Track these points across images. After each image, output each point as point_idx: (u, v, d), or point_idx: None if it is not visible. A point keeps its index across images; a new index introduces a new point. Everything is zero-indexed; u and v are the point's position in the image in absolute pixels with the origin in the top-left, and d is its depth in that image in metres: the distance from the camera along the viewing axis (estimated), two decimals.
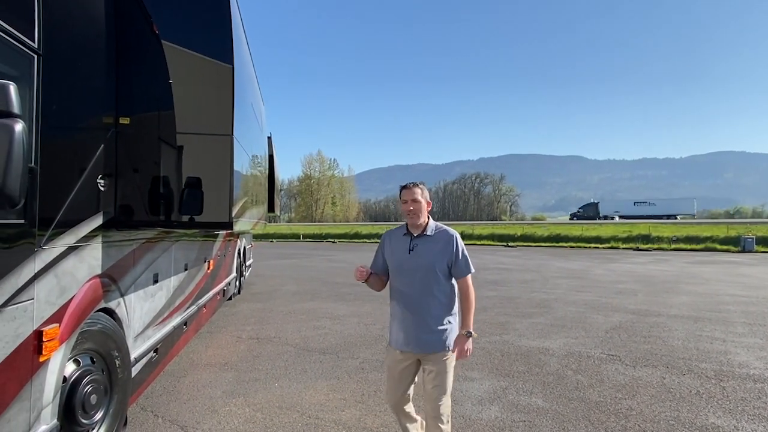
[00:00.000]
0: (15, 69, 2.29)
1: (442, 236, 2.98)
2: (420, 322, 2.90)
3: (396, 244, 3.05)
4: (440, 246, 2.94)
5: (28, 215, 2.32)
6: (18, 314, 2.27)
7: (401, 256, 2.98)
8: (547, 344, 6.50)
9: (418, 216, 2.93)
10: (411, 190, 2.96)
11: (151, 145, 3.69)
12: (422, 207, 2.96)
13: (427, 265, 2.90)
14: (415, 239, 2.97)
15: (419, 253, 2.93)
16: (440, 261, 2.91)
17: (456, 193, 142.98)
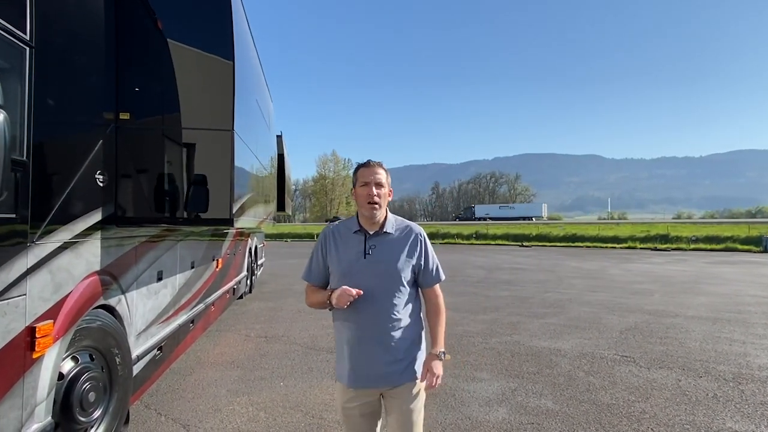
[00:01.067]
0: (5, 61, 2.26)
1: (406, 235, 2.30)
2: (380, 351, 2.20)
3: (344, 245, 2.29)
4: (404, 247, 2.27)
5: (19, 210, 2.29)
6: (9, 310, 2.24)
7: (352, 261, 2.24)
8: (559, 345, 6.36)
9: (381, 207, 2.23)
10: (373, 169, 2.24)
11: (151, 141, 3.67)
12: (386, 194, 2.27)
13: (389, 273, 2.21)
14: (372, 238, 2.25)
15: (378, 256, 2.22)
16: (406, 267, 2.24)
17: (471, 192, 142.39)
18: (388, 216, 2.30)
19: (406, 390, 2.24)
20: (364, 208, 2.23)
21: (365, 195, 2.22)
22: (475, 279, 13.70)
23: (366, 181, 2.23)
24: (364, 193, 2.23)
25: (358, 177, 2.27)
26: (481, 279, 13.72)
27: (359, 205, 2.27)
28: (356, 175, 2.29)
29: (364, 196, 2.23)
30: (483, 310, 8.86)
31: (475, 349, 6.16)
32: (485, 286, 12.12)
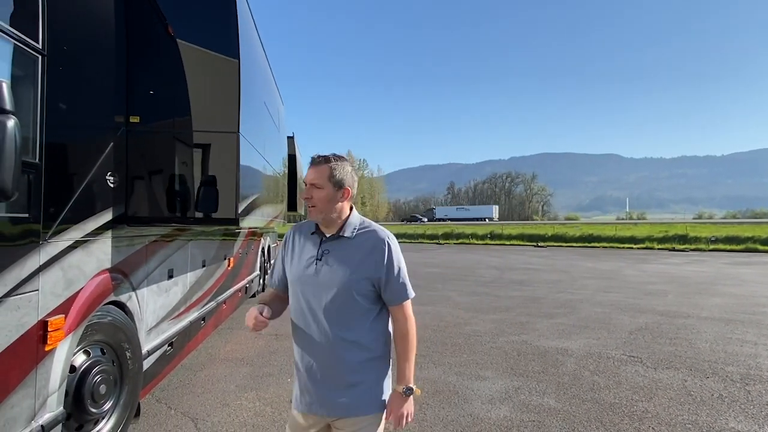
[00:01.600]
0: (18, 69, 2.38)
1: (367, 239, 1.93)
2: (328, 374, 1.91)
3: (301, 247, 2.02)
4: (362, 254, 1.90)
5: (32, 210, 2.42)
6: (22, 304, 2.37)
7: (304, 267, 1.95)
8: (567, 345, 6.36)
9: (320, 210, 1.90)
10: (311, 169, 1.93)
11: (160, 143, 3.79)
12: (328, 197, 1.88)
13: (340, 285, 1.86)
14: (327, 242, 1.94)
15: (330, 264, 1.90)
16: (361, 278, 1.88)
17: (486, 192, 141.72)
18: (350, 218, 1.97)
19: (358, 424, 1.92)
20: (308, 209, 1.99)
21: (304, 196, 1.97)
22: (487, 279, 13.69)
23: (305, 182, 1.97)
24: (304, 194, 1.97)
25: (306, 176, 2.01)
26: (493, 279, 13.71)
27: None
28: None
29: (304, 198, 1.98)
30: (493, 310, 8.88)
31: (481, 348, 6.20)
32: (497, 286, 12.11)
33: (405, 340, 1.97)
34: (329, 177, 1.90)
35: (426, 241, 36.79)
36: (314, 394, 1.93)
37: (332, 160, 1.92)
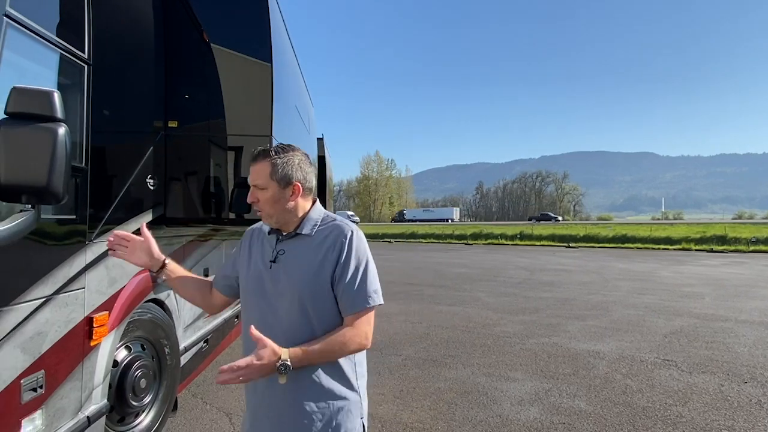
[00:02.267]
0: (66, 78, 2.52)
1: (328, 236, 1.62)
2: (284, 406, 1.55)
3: (255, 249, 1.74)
4: (320, 254, 1.59)
5: (79, 211, 2.55)
6: (70, 301, 2.50)
7: (257, 270, 1.67)
8: (599, 347, 6.27)
9: (269, 215, 1.62)
10: (252, 167, 1.62)
11: (196, 147, 3.92)
12: (273, 197, 1.59)
13: (297, 291, 1.56)
14: (284, 242, 1.66)
15: (286, 267, 1.60)
16: (319, 284, 1.57)
17: (516, 192, 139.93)
18: (310, 213, 1.67)
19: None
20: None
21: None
22: (517, 280, 13.56)
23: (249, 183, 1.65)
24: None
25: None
26: (523, 280, 13.57)
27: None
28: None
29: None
30: (522, 311, 8.80)
31: (511, 350, 6.17)
32: (526, 287, 11.99)
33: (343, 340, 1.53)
34: (271, 174, 1.59)
35: (454, 242, 36.61)
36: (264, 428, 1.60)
37: (273, 153, 1.60)
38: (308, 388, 1.55)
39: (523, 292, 11.15)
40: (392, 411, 4.19)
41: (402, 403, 4.38)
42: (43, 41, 2.31)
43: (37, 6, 2.30)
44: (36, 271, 2.26)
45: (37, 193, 1.90)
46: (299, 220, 1.65)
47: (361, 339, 1.56)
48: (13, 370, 2.11)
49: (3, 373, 2.05)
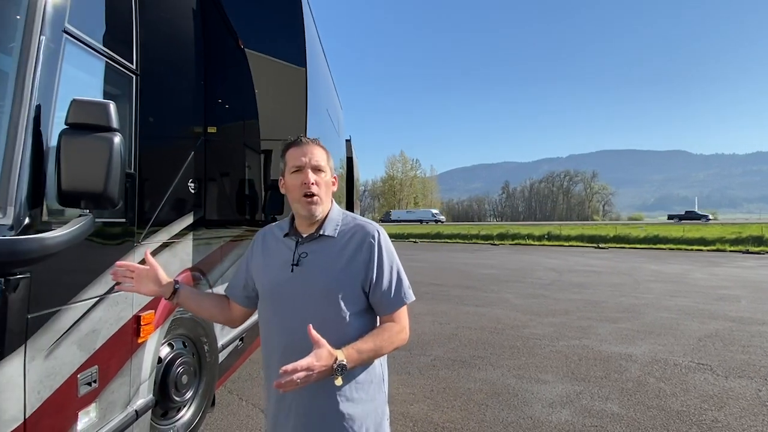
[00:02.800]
0: (117, 88, 2.65)
1: (351, 237, 1.62)
2: (312, 410, 1.55)
3: (271, 252, 1.70)
4: (348, 254, 1.59)
5: (128, 215, 2.68)
6: (120, 300, 2.63)
7: (277, 275, 1.63)
8: (631, 350, 6.19)
9: (322, 200, 1.60)
10: (307, 148, 1.60)
11: (233, 151, 4.05)
12: (329, 183, 1.64)
13: (324, 293, 1.56)
14: (305, 244, 1.63)
15: (310, 269, 1.58)
16: (348, 285, 1.57)
17: (543, 192, 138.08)
18: (331, 214, 1.65)
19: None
20: (298, 203, 1.60)
21: (299, 185, 1.57)
22: (545, 281, 13.42)
23: (299, 165, 1.58)
24: (297, 182, 1.58)
25: (288, 160, 1.63)
26: (551, 281, 13.42)
27: (292, 199, 1.63)
28: (284, 159, 1.65)
29: (297, 187, 1.58)
30: (551, 313, 8.73)
31: (541, 352, 6.14)
32: (555, 289, 11.86)
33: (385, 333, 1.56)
34: (327, 159, 1.64)
35: (480, 242, 36.37)
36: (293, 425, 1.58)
37: (320, 143, 1.65)
38: (337, 389, 1.54)
39: (552, 294, 11.04)
40: (423, 411, 4.24)
41: (432, 403, 4.43)
42: (96, 53, 2.44)
43: (90, 21, 2.43)
44: (91, 272, 2.39)
45: (95, 199, 2.02)
46: (323, 217, 1.64)
47: (403, 334, 1.61)
48: (70, 365, 2.24)
49: (62, 368, 2.18)
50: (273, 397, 1.66)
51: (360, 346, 1.49)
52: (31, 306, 1.96)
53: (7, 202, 1.85)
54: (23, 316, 1.93)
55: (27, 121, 1.94)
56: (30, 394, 1.98)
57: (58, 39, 2.13)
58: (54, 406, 2.12)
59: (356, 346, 1.48)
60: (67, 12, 2.19)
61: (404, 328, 1.63)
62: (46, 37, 2.06)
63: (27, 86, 1.97)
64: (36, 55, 2.01)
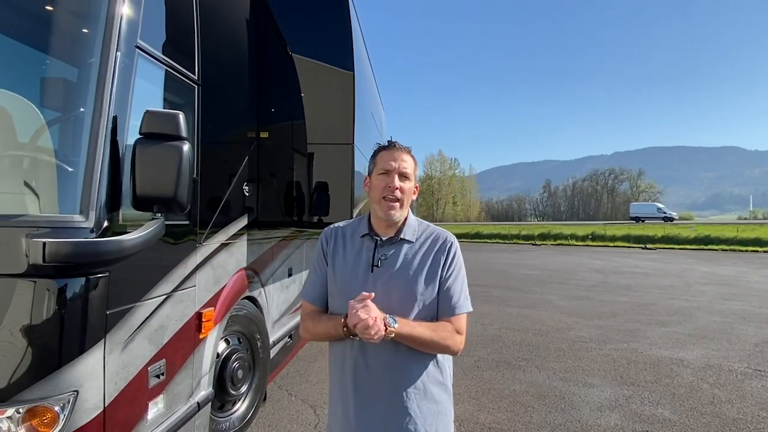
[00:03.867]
0: (181, 98, 2.82)
1: (430, 243, 1.71)
2: (391, 410, 1.60)
3: (347, 252, 1.74)
4: (428, 259, 1.67)
5: (192, 217, 2.84)
6: (184, 298, 2.79)
7: (356, 275, 1.67)
8: (682, 355, 6.00)
9: (403, 205, 1.67)
10: (398, 154, 1.67)
11: (285, 155, 4.20)
12: (411, 190, 1.70)
13: (405, 295, 1.62)
14: (385, 246, 1.69)
15: (390, 270, 1.65)
16: (429, 286, 1.64)
17: (587, 190, 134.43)
18: (409, 219, 1.73)
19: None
20: (379, 204, 1.66)
21: (383, 187, 1.65)
22: (590, 283, 13.12)
23: (386, 169, 1.65)
24: (381, 184, 1.65)
25: (377, 162, 1.69)
26: (597, 283, 13.11)
27: (373, 199, 1.70)
28: (374, 160, 1.71)
29: (380, 189, 1.65)
30: (597, 316, 8.55)
31: (587, 355, 6.04)
32: (600, 291, 11.59)
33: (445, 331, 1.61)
34: (414, 168, 1.71)
35: (521, 242, 35.81)
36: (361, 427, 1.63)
37: (410, 150, 1.72)
38: (409, 389, 1.61)
39: (597, 296, 10.79)
40: (469, 411, 4.27)
41: (478, 403, 4.45)
42: (164, 66, 2.60)
43: (158, 36, 2.59)
44: (160, 271, 2.55)
45: (166, 203, 2.16)
46: (401, 222, 1.71)
47: (458, 337, 1.65)
48: (142, 358, 2.40)
49: (135, 360, 2.34)
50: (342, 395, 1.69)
51: (415, 325, 1.57)
52: (110, 303, 2.12)
53: (89, 206, 2.01)
54: (103, 312, 2.09)
55: (105, 131, 2.10)
56: (108, 385, 2.14)
57: (131, 54, 2.29)
58: (128, 396, 2.29)
59: (412, 323, 1.57)
60: (139, 29, 2.35)
61: (461, 332, 1.66)
62: (121, 53, 2.22)
63: (105, 98, 2.13)
64: (113, 69, 2.17)
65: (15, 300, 1.88)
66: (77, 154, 2.12)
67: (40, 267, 1.84)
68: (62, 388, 1.92)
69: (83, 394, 2.00)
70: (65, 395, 1.93)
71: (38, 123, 2.36)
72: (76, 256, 1.91)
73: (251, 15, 3.93)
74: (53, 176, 2.26)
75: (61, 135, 2.42)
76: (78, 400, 1.97)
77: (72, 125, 2.35)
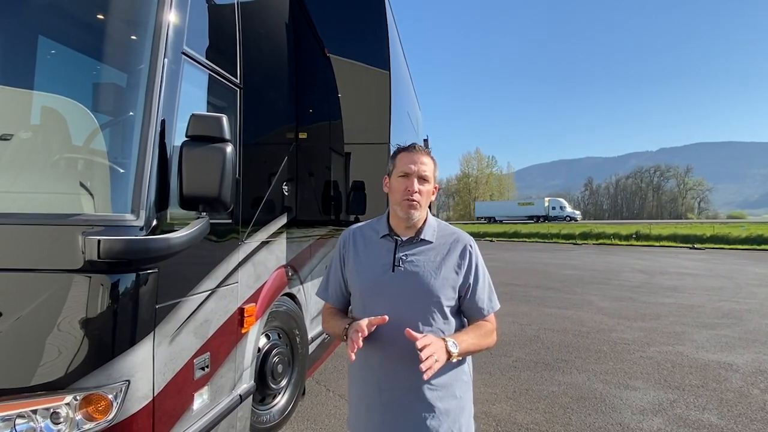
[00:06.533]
0: (224, 101, 2.92)
1: (449, 244, 1.73)
2: (408, 406, 1.64)
3: (367, 252, 1.78)
4: (447, 260, 1.70)
5: (234, 216, 2.94)
6: (227, 294, 2.89)
7: (376, 275, 1.71)
8: (731, 359, 5.77)
9: (421, 206, 1.69)
10: (417, 156, 1.69)
11: (322, 155, 4.28)
12: (429, 192, 1.71)
13: (424, 295, 1.65)
14: (404, 246, 1.72)
15: (411, 271, 1.67)
16: (448, 287, 1.67)
17: (631, 188, 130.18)
18: (428, 220, 1.76)
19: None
20: (398, 205, 1.70)
21: (402, 190, 1.68)
22: (633, 284, 12.73)
23: (406, 172, 1.67)
24: (401, 187, 1.68)
25: (397, 164, 1.71)
26: (640, 284, 12.71)
27: (393, 200, 1.74)
28: (394, 162, 1.74)
29: (400, 191, 1.68)
30: (641, 317, 8.30)
31: (629, 357, 5.89)
32: (644, 292, 11.23)
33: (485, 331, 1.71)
34: (434, 170, 1.74)
35: (561, 241, 35.03)
36: (385, 425, 1.67)
37: (429, 152, 1.74)
38: (432, 385, 1.64)
39: (641, 297, 10.47)
40: (506, 411, 4.24)
41: (515, 403, 4.41)
42: (208, 71, 2.71)
43: (202, 42, 2.69)
44: (204, 267, 2.66)
45: (211, 203, 2.25)
46: (421, 222, 1.74)
47: (495, 335, 1.77)
48: (188, 351, 2.51)
49: (182, 353, 2.45)
50: (365, 392, 1.75)
51: (462, 336, 1.62)
52: (159, 297, 2.23)
53: (139, 206, 2.12)
54: (152, 306, 2.20)
55: (154, 134, 2.20)
56: (157, 376, 2.25)
57: (177, 60, 2.40)
58: (175, 387, 2.39)
59: (459, 336, 1.62)
60: (185, 36, 2.45)
61: (495, 330, 1.77)
62: (168, 59, 2.32)
63: (153, 103, 2.23)
64: (161, 75, 2.27)
65: (72, 294, 2.00)
66: (128, 156, 2.23)
67: (95, 263, 1.95)
68: (115, 378, 2.03)
69: (134, 383, 2.11)
70: (118, 384, 2.04)
71: (92, 126, 2.50)
72: (128, 253, 2.02)
73: (290, 18, 4.01)
74: (106, 177, 2.39)
75: (113, 138, 2.54)
76: (130, 390, 2.08)
77: (123, 128, 2.47)
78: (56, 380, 1.95)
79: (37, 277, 1.98)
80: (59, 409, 1.99)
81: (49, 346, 1.96)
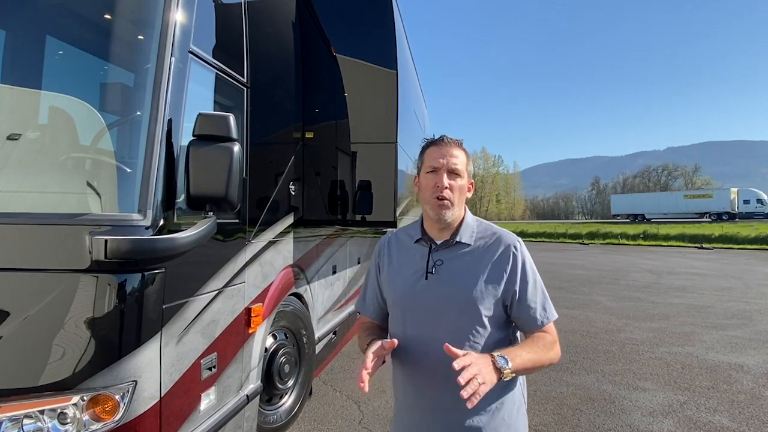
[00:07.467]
0: (231, 101, 2.91)
1: (490, 246, 1.53)
2: (446, 417, 1.49)
3: (401, 259, 1.64)
4: (487, 265, 1.50)
5: (241, 216, 2.93)
6: (234, 293, 2.88)
7: (410, 283, 1.56)
8: (742, 360, 5.70)
9: (454, 204, 1.51)
10: (447, 149, 1.52)
11: (329, 154, 4.25)
12: (463, 188, 1.54)
13: (461, 304, 1.47)
14: (439, 251, 1.55)
15: (446, 277, 1.51)
16: (487, 295, 1.47)
17: (638, 187, 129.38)
18: (466, 220, 1.57)
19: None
20: (428, 204, 1.52)
21: (431, 186, 1.51)
22: (642, 284, 12.62)
23: (434, 167, 1.51)
24: (430, 183, 1.52)
25: (425, 159, 1.55)
26: (649, 284, 12.60)
27: (423, 200, 1.56)
28: (422, 158, 1.58)
29: (429, 188, 1.52)
30: (649, 318, 8.23)
31: (638, 358, 5.83)
32: (653, 292, 11.13)
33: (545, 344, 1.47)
34: (467, 164, 1.55)
35: (568, 241, 34.86)
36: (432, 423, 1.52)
37: (461, 144, 1.56)
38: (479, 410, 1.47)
39: (649, 297, 10.38)
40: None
41: None
42: (215, 70, 2.69)
43: (209, 41, 2.68)
44: (211, 267, 2.65)
45: (218, 203, 2.24)
46: (457, 224, 1.56)
47: (557, 348, 1.51)
48: (195, 351, 2.50)
49: (189, 353, 2.44)
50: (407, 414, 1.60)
51: (516, 351, 1.39)
52: (166, 297, 2.22)
53: (146, 206, 2.11)
54: (159, 306, 2.19)
55: (161, 134, 2.19)
56: (164, 376, 2.24)
57: (184, 59, 2.39)
58: (183, 388, 2.38)
59: (511, 351, 1.38)
60: (192, 35, 2.44)
61: (557, 341, 1.52)
62: (175, 58, 2.31)
63: (161, 102, 2.22)
64: (168, 74, 2.26)
65: (79, 294, 1.99)
66: (135, 155, 2.22)
67: (102, 263, 1.94)
68: (122, 378, 2.02)
69: (141, 384, 2.10)
70: (125, 384, 2.03)
71: (99, 126, 2.49)
72: (134, 253, 2.01)
73: (297, 17, 4.00)
74: (113, 177, 2.37)
75: (120, 137, 2.53)
76: (137, 390, 2.07)
77: (130, 128, 2.46)
78: (63, 380, 1.95)
79: (44, 277, 1.97)
80: (66, 410, 1.98)
81: (56, 346, 1.96)
